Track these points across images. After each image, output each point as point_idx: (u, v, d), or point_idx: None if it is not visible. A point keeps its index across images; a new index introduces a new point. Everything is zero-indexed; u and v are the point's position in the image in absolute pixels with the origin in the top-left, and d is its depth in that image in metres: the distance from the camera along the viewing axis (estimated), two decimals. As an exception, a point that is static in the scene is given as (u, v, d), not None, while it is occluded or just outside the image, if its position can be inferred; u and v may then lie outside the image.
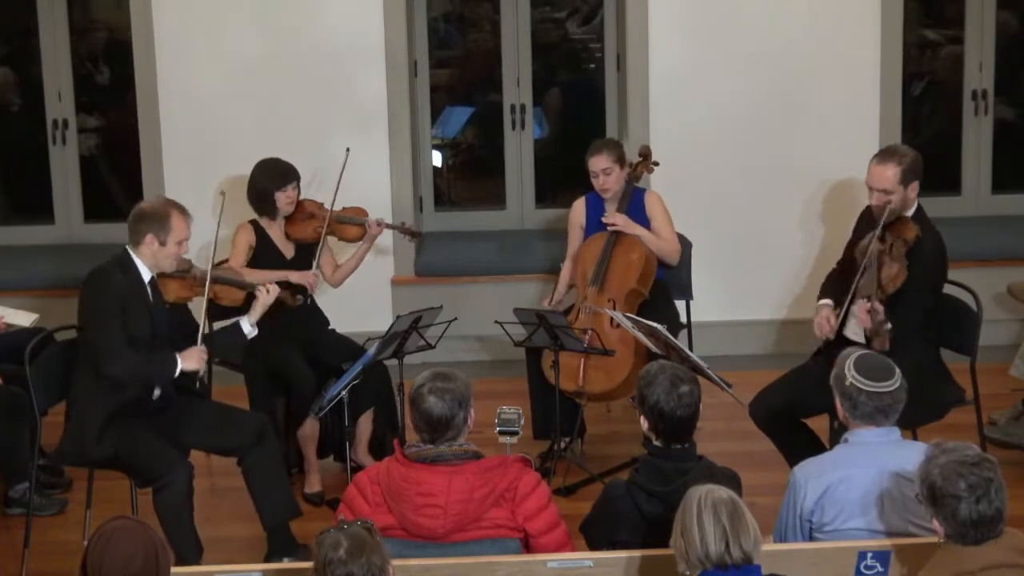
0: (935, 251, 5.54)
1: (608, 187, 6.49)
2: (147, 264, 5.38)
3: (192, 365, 5.38)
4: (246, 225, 6.35)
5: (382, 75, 7.47)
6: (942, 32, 8.16)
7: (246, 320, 5.63)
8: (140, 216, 5.37)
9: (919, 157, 5.62)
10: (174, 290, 5.59)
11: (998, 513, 3.67)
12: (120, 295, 5.29)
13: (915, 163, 5.56)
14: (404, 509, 4.16)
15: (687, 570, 3.72)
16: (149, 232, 5.33)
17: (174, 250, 5.37)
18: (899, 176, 5.51)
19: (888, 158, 5.57)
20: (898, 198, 5.52)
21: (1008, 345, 7.20)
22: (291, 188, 6.30)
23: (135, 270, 5.36)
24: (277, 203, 6.29)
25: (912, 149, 5.66)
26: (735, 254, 7.59)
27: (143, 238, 5.34)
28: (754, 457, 5.84)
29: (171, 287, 5.58)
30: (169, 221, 5.33)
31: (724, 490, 3.76)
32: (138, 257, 5.37)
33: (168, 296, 5.56)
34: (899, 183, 5.51)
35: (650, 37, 7.46)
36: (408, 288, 7.59)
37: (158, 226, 5.33)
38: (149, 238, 5.33)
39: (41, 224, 7.99)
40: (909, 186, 5.53)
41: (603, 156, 6.48)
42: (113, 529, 3.52)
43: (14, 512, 5.98)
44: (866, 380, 4.21)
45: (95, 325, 5.30)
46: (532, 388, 6.39)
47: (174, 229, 5.34)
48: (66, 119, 7.86)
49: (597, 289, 6.39)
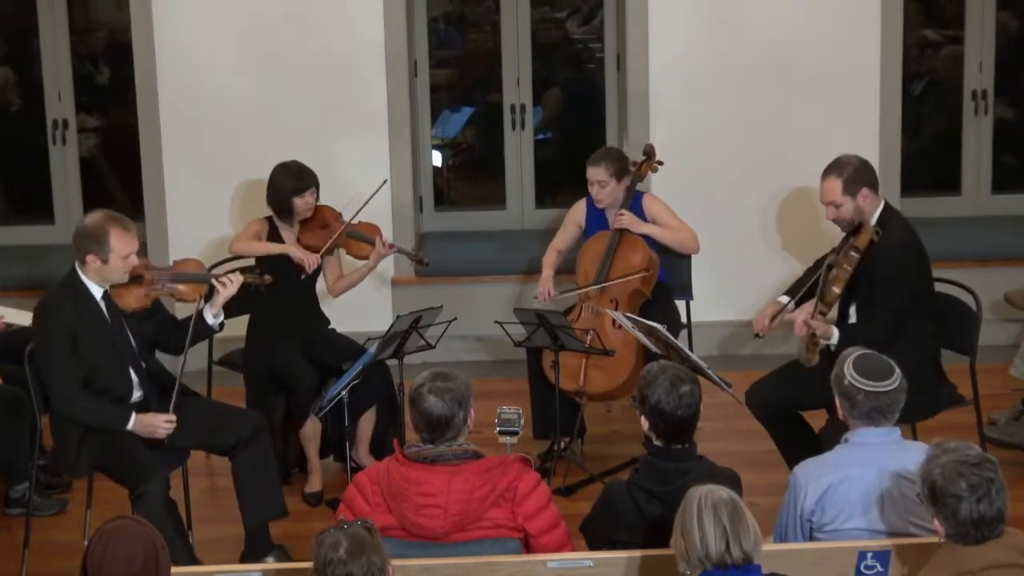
0: (896, 249, 5.51)
1: (602, 199, 6.50)
2: (95, 281, 5.28)
3: (142, 433, 5.21)
4: (261, 220, 6.34)
5: (382, 75, 7.47)
6: (942, 32, 8.17)
7: (208, 310, 5.52)
8: (79, 235, 5.24)
9: (865, 164, 5.63)
10: (128, 300, 5.41)
11: (999, 513, 3.67)
12: (68, 329, 5.19)
13: (859, 171, 5.58)
14: (404, 509, 4.16)
15: (687, 570, 3.72)
16: (89, 252, 5.21)
17: (119, 265, 5.24)
18: (842, 187, 5.54)
19: (830, 171, 5.61)
20: (848, 208, 5.55)
21: (1008, 345, 7.20)
22: (309, 193, 6.27)
23: (84, 289, 5.27)
24: (295, 208, 6.26)
25: (858, 157, 5.67)
26: (735, 254, 7.59)
27: (85, 257, 5.23)
28: (754, 457, 5.84)
29: (127, 297, 5.40)
30: (108, 240, 5.18)
31: (724, 490, 3.76)
32: (85, 276, 5.27)
33: (126, 306, 5.40)
34: (844, 194, 5.54)
35: (650, 37, 7.46)
36: (408, 288, 7.59)
37: (96, 245, 5.20)
38: (91, 258, 5.22)
39: (41, 224, 7.99)
40: (858, 194, 5.54)
41: (600, 168, 6.47)
42: (113, 529, 3.52)
43: (14, 512, 5.98)
44: (864, 380, 4.22)
45: (46, 368, 5.24)
46: (532, 388, 6.39)
47: (115, 247, 5.20)
48: (66, 119, 7.87)
49: (599, 289, 6.39)
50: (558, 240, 6.77)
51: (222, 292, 5.52)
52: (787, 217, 7.59)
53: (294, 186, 6.25)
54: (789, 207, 7.57)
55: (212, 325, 5.54)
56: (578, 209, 6.72)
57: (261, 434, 5.47)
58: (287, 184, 6.26)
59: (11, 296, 7.03)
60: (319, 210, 6.37)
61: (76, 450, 5.25)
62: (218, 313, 5.55)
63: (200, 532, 5.42)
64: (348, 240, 6.42)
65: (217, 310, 5.54)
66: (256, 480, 5.41)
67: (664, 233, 6.52)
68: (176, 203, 7.52)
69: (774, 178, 7.55)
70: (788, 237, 7.59)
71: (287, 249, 6.21)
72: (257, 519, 5.42)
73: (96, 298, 5.30)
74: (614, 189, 6.48)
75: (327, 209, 6.42)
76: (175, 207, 7.53)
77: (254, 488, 5.41)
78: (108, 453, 5.23)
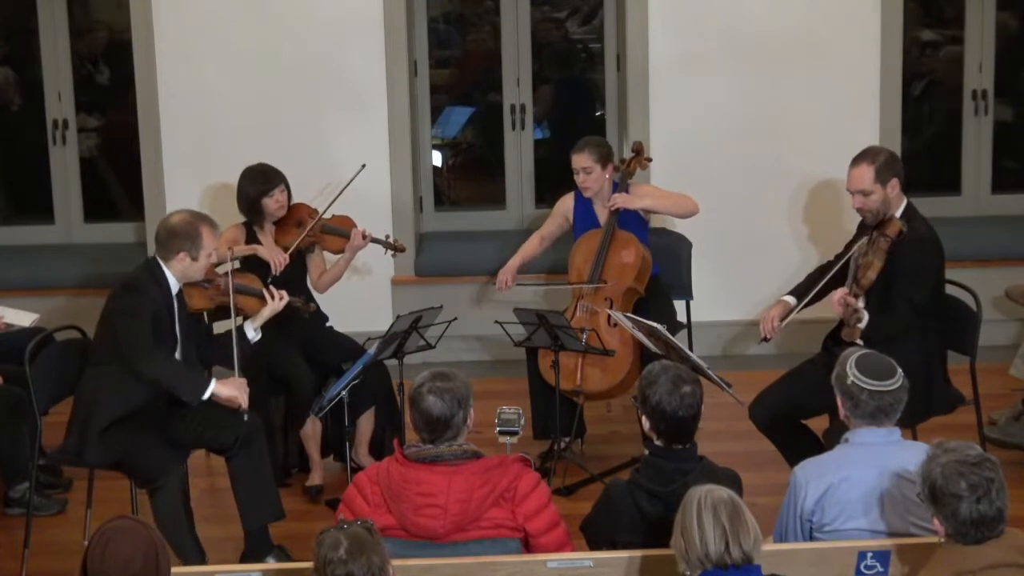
0: (923, 244, 5.51)
1: (588, 186, 6.48)
2: (176, 277, 5.42)
3: (227, 391, 5.36)
4: (237, 225, 6.34)
5: (382, 75, 7.47)
6: (942, 32, 8.16)
7: (249, 325, 5.65)
8: (172, 233, 5.38)
9: (895, 156, 5.64)
10: (197, 299, 5.58)
11: (999, 513, 3.67)
12: (153, 308, 5.32)
13: (890, 161, 5.57)
14: (404, 509, 4.16)
15: (687, 570, 3.72)
16: (182, 250, 5.36)
17: (205, 263, 5.43)
18: (874, 175, 5.52)
19: (861, 159, 5.60)
20: (877, 197, 5.53)
21: (1008, 345, 7.20)
22: (278, 192, 6.25)
23: (166, 281, 5.40)
24: (266, 208, 6.25)
25: (887, 148, 5.68)
26: (735, 254, 7.59)
27: (175, 255, 5.37)
28: (754, 457, 5.84)
29: (195, 297, 5.56)
30: (201, 238, 5.37)
31: (724, 490, 3.76)
32: (168, 270, 5.40)
33: (193, 305, 5.56)
34: (875, 182, 5.52)
35: (650, 37, 7.46)
36: (408, 288, 7.59)
37: (190, 243, 5.36)
38: (181, 255, 5.37)
39: (41, 224, 7.99)
40: (888, 184, 5.53)
41: (584, 154, 6.46)
42: (113, 529, 3.52)
43: (14, 512, 5.98)
44: (868, 379, 4.21)
45: (131, 326, 5.30)
46: (532, 388, 6.39)
47: (205, 245, 5.38)
48: (66, 119, 7.87)
49: (594, 288, 6.38)
50: (543, 228, 6.77)
51: (268, 306, 5.66)
52: (787, 217, 7.58)
53: (261, 188, 6.24)
54: (789, 207, 7.57)
55: (251, 339, 5.65)
56: (566, 201, 6.70)
57: (257, 437, 5.47)
58: (254, 187, 6.25)
59: (11, 296, 7.04)
60: (294, 208, 6.36)
61: (98, 440, 5.27)
62: (258, 328, 5.66)
63: (200, 532, 5.41)
64: (321, 235, 6.40)
65: (259, 324, 5.65)
66: (253, 483, 5.42)
67: (661, 203, 6.50)
68: (176, 203, 7.50)
69: (774, 179, 7.55)
70: (788, 237, 7.59)
71: (254, 249, 6.21)
72: (255, 522, 5.44)
73: (173, 293, 5.42)
74: (599, 176, 6.46)
75: (302, 207, 6.41)
76: (175, 207, 7.47)
77: (251, 491, 5.42)
78: (130, 447, 5.26)
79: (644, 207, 6.46)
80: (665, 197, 6.55)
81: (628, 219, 6.48)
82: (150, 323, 5.29)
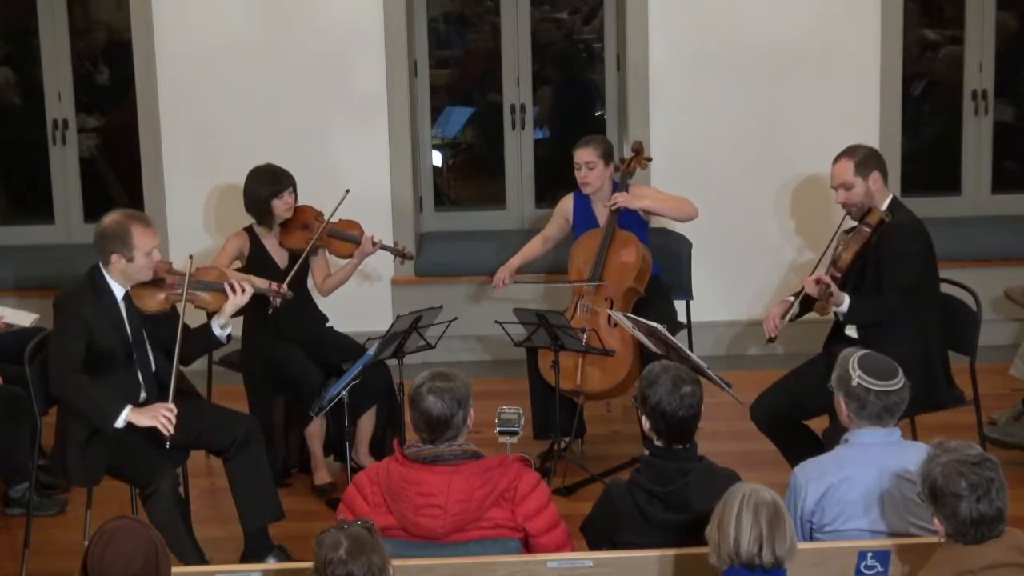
0: (905, 230, 5.57)
1: (589, 181, 6.48)
2: (119, 281, 5.28)
3: (143, 421, 5.03)
4: (241, 232, 6.30)
5: (382, 75, 7.47)
6: (942, 32, 8.16)
7: (215, 322, 5.42)
8: (102, 236, 5.24)
9: (876, 152, 5.76)
10: (148, 301, 5.35)
11: (999, 513, 3.67)
12: (85, 323, 5.17)
13: (870, 155, 5.69)
14: (404, 509, 4.16)
15: (717, 562, 3.74)
16: (114, 252, 5.22)
17: (144, 262, 5.24)
18: (854, 168, 5.63)
19: (842, 155, 5.72)
20: (860, 190, 5.62)
21: (1008, 345, 7.21)
22: (287, 194, 6.23)
23: (106, 289, 5.27)
24: (274, 210, 6.22)
25: (868, 146, 5.80)
26: (735, 254, 7.59)
27: (109, 258, 5.24)
28: (754, 457, 5.84)
29: (145, 298, 5.34)
30: (131, 238, 5.20)
31: (769, 492, 3.77)
32: (109, 275, 5.27)
33: (144, 308, 5.35)
34: (855, 174, 5.62)
35: (650, 37, 7.46)
36: (408, 288, 7.59)
37: (120, 243, 5.20)
38: (115, 257, 5.22)
39: (41, 224, 7.98)
40: (869, 177, 5.62)
41: (588, 150, 6.47)
42: (113, 529, 3.52)
43: (14, 512, 5.98)
44: (874, 380, 4.21)
45: (53, 348, 5.22)
46: (532, 388, 6.39)
47: (138, 244, 5.21)
48: (66, 119, 7.86)
49: (594, 288, 6.38)
50: (546, 230, 6.80)
51: (230, 300, 5.39)
52: (787, 217, 7.58)
53: (271, 189, 6.20)
54: (789, 207, 7.57)
55: (219, 337, 5.42)
56: (566, 202, 6.71)
57: (254, 438, 5.45)
58: (264, 188, 6.21)
59: (11, 296, 7.04)
60: (299, 210, 6.32)
61: (82, 455, 5.23)
62: (225, 324, 5.40)
63: (200, 532, 5.41)
64: (330, 239, 6.35)
65: (225, 320, 5.39)
66: (251, 484, 5.41)
67: (661, 205, 6.51)
68: (176, 203, 7.53)
69: (774, 179, 7.55)
70: (788, 236, 7.59)
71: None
72: (255, 523, 5.43)
73: (118, 298, 5.30)
74: (601, 172, 6.47)
75: (308, 209, 6.37)
76: (175, 207, 7.53)
77: (250, 492, 5.41)
78: (116, 453, 5.21)
79: (644, 207, 6.47)
80: (665, 199, 6.55)
81: (628, 219, 6.49)
82: (73, 342, 5.13)
